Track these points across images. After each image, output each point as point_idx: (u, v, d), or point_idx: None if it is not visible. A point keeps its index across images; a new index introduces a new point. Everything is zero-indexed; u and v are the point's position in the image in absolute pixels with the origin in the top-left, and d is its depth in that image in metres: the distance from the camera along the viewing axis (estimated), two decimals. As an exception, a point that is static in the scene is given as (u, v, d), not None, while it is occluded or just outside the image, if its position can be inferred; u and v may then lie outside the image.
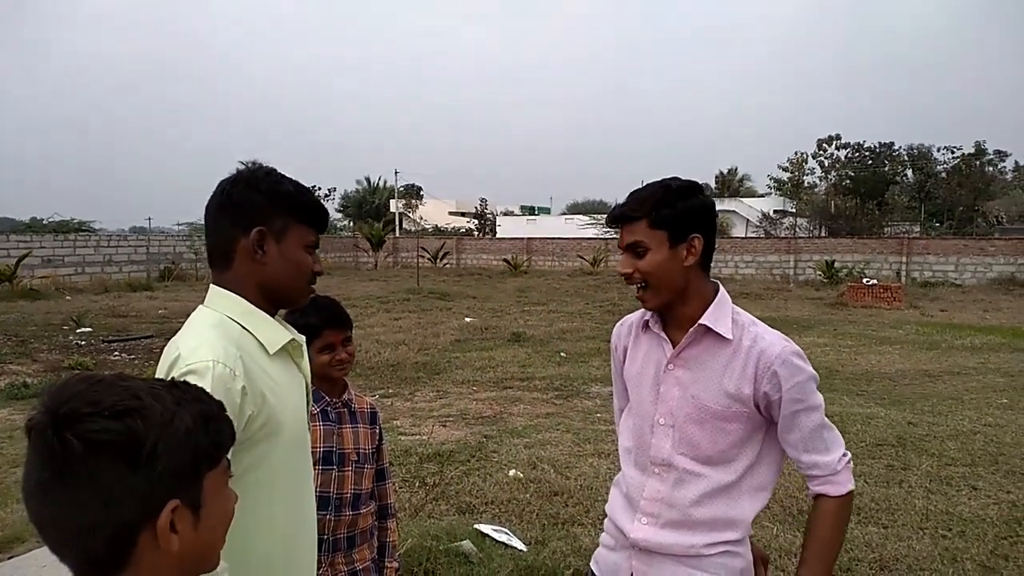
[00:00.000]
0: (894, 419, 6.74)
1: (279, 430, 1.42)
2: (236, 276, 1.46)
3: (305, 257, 1.51)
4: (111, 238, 26.05)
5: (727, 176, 56.01)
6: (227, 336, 1.38)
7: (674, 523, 1.69)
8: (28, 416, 0.86)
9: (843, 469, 1.66)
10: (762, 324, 1.71)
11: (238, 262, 1.46)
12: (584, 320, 14.99)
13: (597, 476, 5.06)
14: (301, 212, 1.50)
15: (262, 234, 1.44)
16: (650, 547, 1.71)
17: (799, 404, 1.62)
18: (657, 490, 1.71)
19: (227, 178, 1.50)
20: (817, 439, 1.65)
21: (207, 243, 1.51)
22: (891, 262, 27.24)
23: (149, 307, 16.81)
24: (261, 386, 1.39)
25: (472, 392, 8.25)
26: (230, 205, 1.46)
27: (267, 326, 1.47)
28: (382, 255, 35.46)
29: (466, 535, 4.02)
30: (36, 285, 20.01)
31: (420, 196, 55.77)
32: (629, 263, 1.68)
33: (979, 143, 41.18)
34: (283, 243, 1.47)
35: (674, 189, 1.66)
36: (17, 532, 4.21)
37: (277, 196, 1.47)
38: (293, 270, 1.49)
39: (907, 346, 11.74)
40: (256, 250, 1.45)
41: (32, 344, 11.55)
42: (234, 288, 1.46)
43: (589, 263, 30.28)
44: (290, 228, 1.48)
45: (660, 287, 1.66)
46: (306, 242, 1.51)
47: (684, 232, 1.64)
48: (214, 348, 1.33)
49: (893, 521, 4.36)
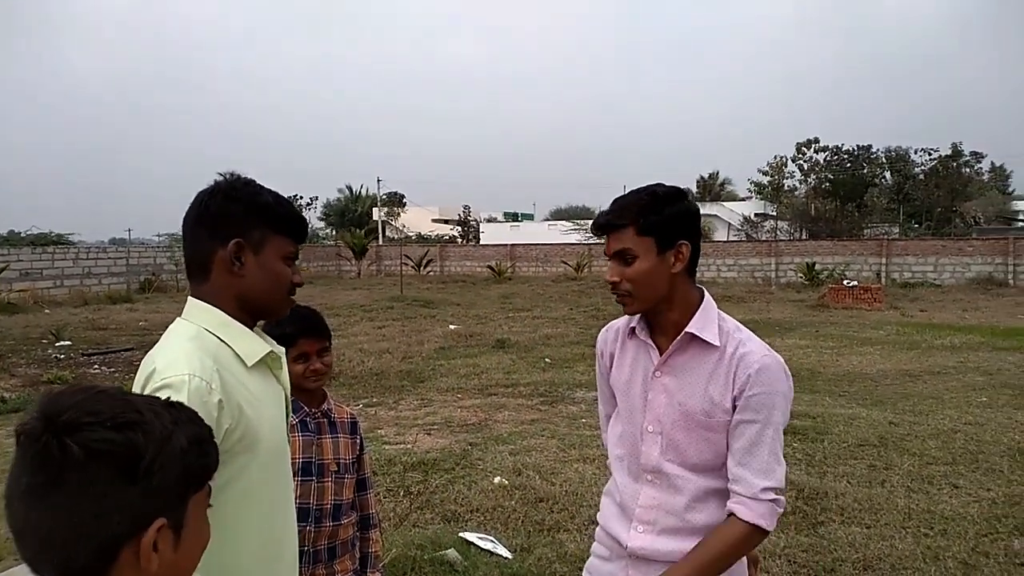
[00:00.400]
0: (876, 419, 6.79)
1: (257, 442, 1.40)
2: (214, 288, 1.44)
3: (284, 268, 1.49)
4: (90, 250, 25.77)
5: (708, 180, 56.39)
6: (204, 349, 1.36)
7: (671, 530, 1.67)
8: (21, 422, 0.84)
9: (764, 501, 1.56)
10: (746, 331, 1.70)
11: (216, 274, 1.44)
12: (568, 325, 15.01)
13: (583, 481, 5.05)
14: (279, 223, 1.48)
15: (240, 246, 1.43)
16: (647, 555, 1.68)
17: (753, 415, 1.59)
18: (652, 497, 1.70)
19: (205, 189, 1.48)
20: (754, 456, 1.58)
21: (185, 255, 1.49)
22: (871, 263, 27.53)
23: (129, 319, 16.65)
24: (238, 399, 1.37)
25: (457, 400, 8.23)
26: (208, 216, 1.44)
27: (244, 338, 1.45)
28: (365, 263, 35.35)
29: (451, 544, 4.00)
30: (14, 299, 19.75)
31: (403, 204, 55.68)
32: (616, 271, 1.65)
33: (955, 145, 41.86)
34: (261, 255, 1.45)
35: (660, 195, 1.64)
36: (-6, 550, 4.14)
37: (255, 207, 1.45)
38: (271, 282, 1.47)
39: (888, 346, 11.85)
40: (234, 262, 1.43)
41: (10, 358, 11.39)
42: (212, 300, 1.44)
43: (573, 268, 30.35)
44: (268, 240, 1.46)
45: (645, 294, 1.64)
46: (284, 253, 1.49)
47: (671, 239, 1.63)
48: (190, 361, 1.31)
49: (876, 521, 4.39)
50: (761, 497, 1.55)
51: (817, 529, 4.28)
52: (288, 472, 1.57)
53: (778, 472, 1.58)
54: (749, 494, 1.56)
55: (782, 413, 1.61)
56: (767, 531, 1.56)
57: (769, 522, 1.56)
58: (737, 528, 1.56)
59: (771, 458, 1.58)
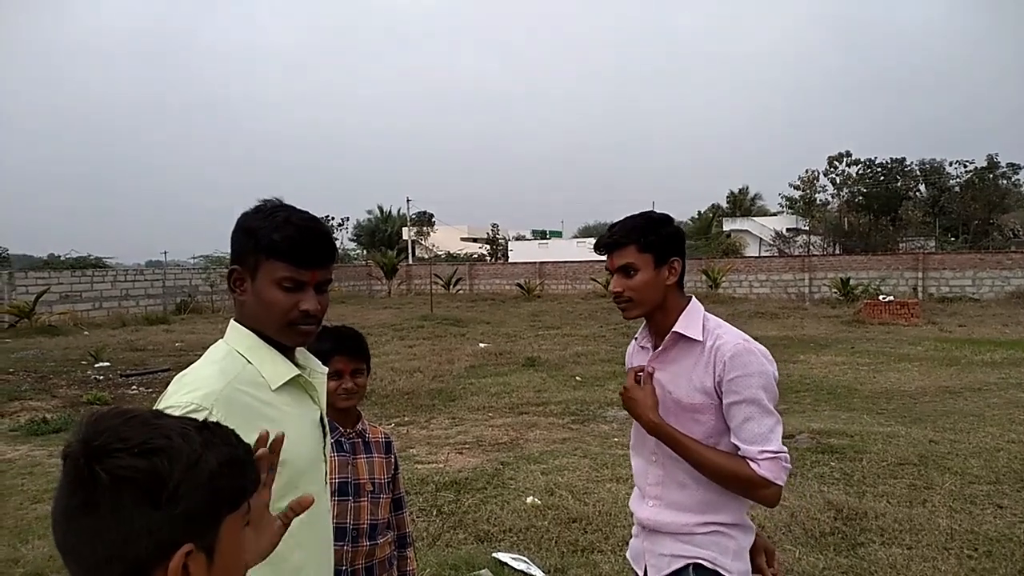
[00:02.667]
0: (915, 437, 6.65)
1: (282, 463, 1.35)
2: (237, 311, 1.49)
3: (276, 295, 1.42)
4: (127, 272, 26.36)
5: (738, 195, 56.02)
6: (223, 372, 1.37)
7: (673, 504, 1.91)
8: (66, 443, 0.88)
9: (765, 460, 1.78)
10: (727, 326, 1.93)
11: (235, 299, 1.49)
12: (599, 343, 14.95)
13: (616, 502, 5.01)
14: (269, 248, 1.41)
15: (235, 272, 1.46)
16: (652, 526, 1.94)
17: (735, 396, 1.81)
18: (657, 475, 1.96)
19: None
20: (746, 430, 1.80)
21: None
22: (907, 278, 27.06)
23: (166, 340, 16.94)
24: (257, 421, 1.34)
25: (488, 418, 8.23)
26: (231, 244, 1.48)
27: (270, 361, 1.45)
28: (395, 283, 35.61)
29: (485, 564, 3.99)
30: (55, 321, 20.22)
31: (432, 223, 56.07)
32: (620, 282, 1.93)
33: (991, 156, 41.13)
34: (256, 281, 1.44)
35: (656, 219, 1.95)
36: (38, 568, 4.22)
37: (245, 232, 1.44)
38: (263, 308, 1.43)
39: (926, 363, 11.62)
40: (233, 289, 1.46)
41: (51, 380, 11.65)
42: (244, 322, 1.47)
43: (602, 286, 30.21)
44: (260, 265, 1.43)
45: (643, 301, 1.92)
46: (276, 278, 1.42)
47: (666, 255, 1.91)
48: (198, 387, 1.33)
49: (917, 541, 4.29)
50: (760, 459, 1.78)
51: (857, 550, 4.20)
52: (323, 491, 1.56)
53: (772, 437, 1.80)
54: (751, 457, 1.79)
55: (763, 389, 1.81)
56: (774, 483, 1.78)
57: (776, 475, 1.78)
58: (747, 466, 1.79)
59: (761, 429, 1.79)
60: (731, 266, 29.60)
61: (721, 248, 36.54)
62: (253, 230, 1.43)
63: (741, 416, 1.80)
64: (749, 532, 1.92)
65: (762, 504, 1.88)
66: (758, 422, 1.80)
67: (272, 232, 1.41)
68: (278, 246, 1.41)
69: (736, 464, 1.80)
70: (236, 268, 1.45)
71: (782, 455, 1.79)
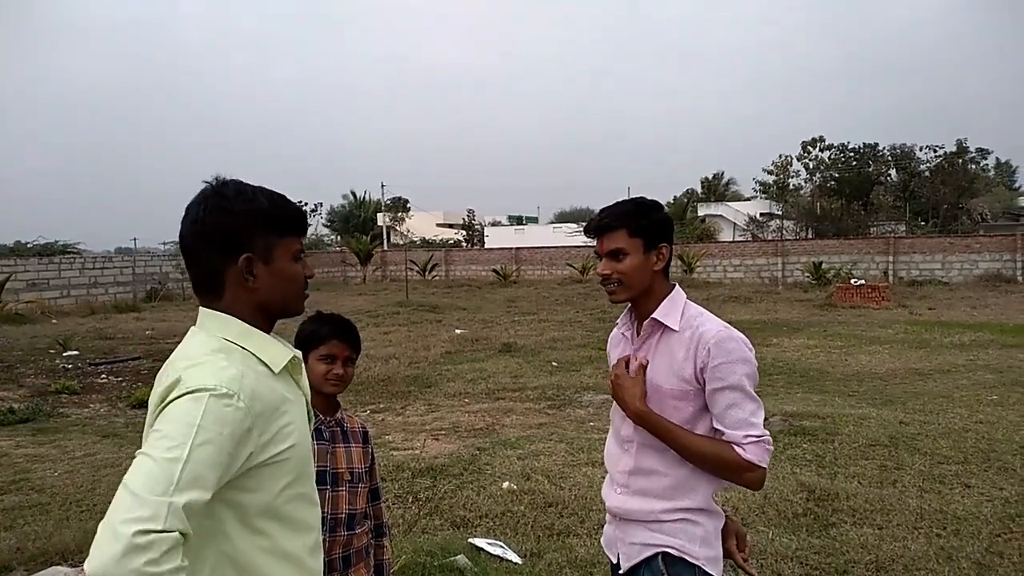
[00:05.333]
0: (886, 419, 6.75)
1: (293, 446, 1.38)
2: (229, 302, 1.41)
3: (295, 268, 1.46)
4: (96, 260, 25.86)
5: (712, 181, 56.27)
6: (229, 359, 1.33)
7: (641, 490, 1.93)
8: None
9: (748, 444, 1.80)
10: (708, 314, 1.94)
11: (230, 289, 1.40)
12: (575, 328, 15.00)
13: (591, 486, 5.03)
14: (282, 225, 1.44)
15: (250, 260, 1.39)
16: (621, 514, 1.97)
17: (719, 383, 1.82)
18: (627, 463, 1.97)
19: (193, 201, 1.42)
20: (729, 416, 1.82)
21: (191, 274, 1.45)
22: (878, 262, 27.44)
23: (136, 328, 16.70)
24: (276, 405, 1.35)
25: (464, 404, 8.21)
26: (208, 234, 1.39)
27: (268, 346, 1.42)
28: (370, 269, 35.40)
29: (460, 550, 3.98)
30: (21, 309, 19.81)
31: (407, 209, 55.66)
32: (609, 266, 1.93)
33: (960, 141, 41.69)
34: (272, 263, 1.42)
35: (647, 205, 1.97)
36: (5, 560, 4.14)
37: (254, 216, 1.40)
38: (286, 284, 1.45)
39: (897, 345, 11.80)
40: (246, 277, 1.39)
41: (18, 369, 11.44)
42: (229, 312, 1.41)
43: (578, 271, 30.32)
44: (275, 245, 1.42)
45: (631, 285, 1.93)
46: (293, 252, 1.45)
47: (656, 241, 1.93)
48: (215, 373, 1.28)
49: (888, 521, 4.36)
50: (745, 443, 1.80)
51: (829, 531, 4.25)
52: (313, 476, 1.53)
53: (755, 421, 1.82)
54: (736, 442, 1.81)
55: (746, 376, 1.83)
56: (759, 466, 1.80)
57: (760, 458, 1.80)
58: (732, 450, 1.81)
59: (745, 414, 1.82)
60: (705, 251, 29.81)
61: (696, 233, 36.64)
62: (263, 212, 1.41)
63: (724, 402, 1.82)
64: (717, 518, 1.93)
65: (747, 487, 1.91)
66: (741, 407, 1.82)
67: (280, 210, 1.43)
68: (294, 223, 1.46)
69: (721, 448, 1.82)
70: (249, 256, 1.39)
71: (765, 438, 1.82)
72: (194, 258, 1.42)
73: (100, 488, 5.47)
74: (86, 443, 6.99)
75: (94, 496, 5.29)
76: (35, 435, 7.37)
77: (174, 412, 1.22)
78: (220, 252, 1.39)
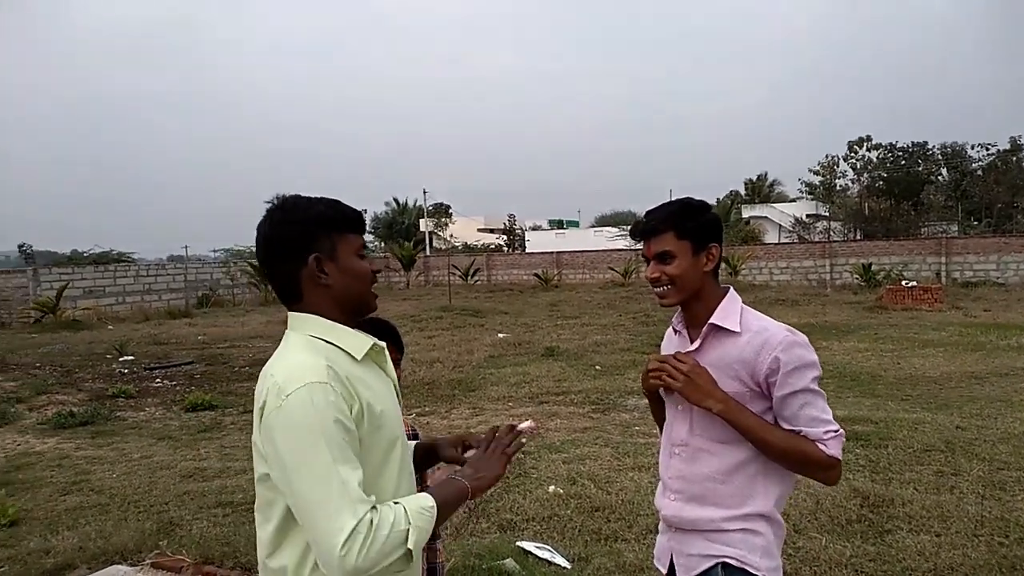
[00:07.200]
0: (941, 423, 6.57)
1: (380, 428, 1.52)
2: (309, 303, 1.56)
3: (360, 263, 1.60)
4: (150, 267, 26.60)
5: (756, 182, 55.45)
6: (316, 354, 1.48)
7: (696, 497, 1.88)
8: None
9: (829, 440, 1.79)
10: (767, 318, 1.90)
11: (307, 291, 1.55)
12: (618, 332, 14.90)
13: (638, 490, 5.00)
14: (342, 224, 1.58)
15: (318, 259, 1.53)
16: (679, 524, 1.92)
17: (790, 387, 1.79)
18: (678, 469, 1.93)
19: (261, 220, 1.58)
20: (803, 416, 1.80)
21: (272, 285, 1.62)
22: (930, 263, 26.70)
23: (188, 334, 17.09)
24: (359, 389, 1.48)
25: (508, 408, 8.23)
26: (276, 245, 1.55)
27: (349, 337, 1.56)
28: (413, 274, 35.68)
29: (508, 553, 4.00)
30: (79, 316, 20.48)
31: (449, 214, 56.02)
32: (657, 269, 1.90)
33: (1014, 139, 40.38)
34: (338, 260, 1.56)
35: (695, 206, 1.92)
36: (69, 559, 4.28)
37: (314, 220, 1.54)
38: (355, 279, 1.58)
39: (951, 348, 11.47)
40: (319, 275, 1.54)
41: (77, 374, 11.81)
42: (312, 311, 1.56)
43: (620, 275, 30.11)
44: (338, 243, 1.56)
45: (682, 288, 1.89)
46: (356, 248, 1.59)
47: (704, 242, 1.89)
48: (306, 370, 1.43)
49: (946, 529, 4.24)
50: (827, 439, 1.78)
51: (884, 538, 4.15)
52: (409, 458, 1.67)
53: (828, 417, 1.81)
54: (817, 439, 1.79)
55: (813, 378, 1.81)
56: (839, 459, 1.79)
57: (839, 452, 1.79)
58: (815, 447, 1.78)
59: (817, 412, 1.80)
60: (751, 253, 29.34)
61: (740, 235, 36.10)
62: (322, 215, 1.56)
63: (797, 404, 1.80)
64: (778, 527, 1.88)
65: (825, 483, 1.89)
66: (814, 405, 1.80)
67: (337, 212, 1.58)
68: (351, 221, 1.59)
69: (804, 444, 1.78)
70: (318, 255, 1.53)
71: (841, 432, 1.81)
72: (271, 269, 1.59)
73: (156, 489, 5.62)
74: (142, 445, 7.19)
75: (150, 497, 5.44)
76: (94, 437, 7.61)
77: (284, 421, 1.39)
78: (290, 258, 1.54)
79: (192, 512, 5.06)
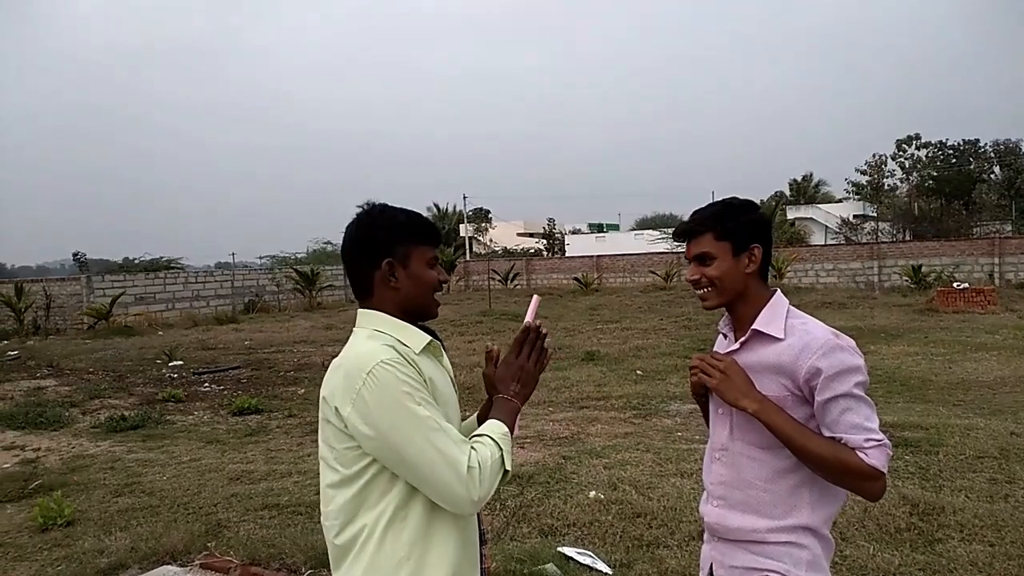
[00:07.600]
0: (995, 429, 6.38)
1: (443, 404, 1.65)
2: (377, 302, 1.71)
3: (429, 273, 1.74)
4: (198, 274, 27.25)
5: (801, 183, 54.50)
6: (381, 341, 1.63)
7: (738, 504, 1.84)
8: None
9: (870, 449, 1.69)
10: (813, 321, 1.83)
11: (377, 291, 1.71)
12: (659, 336, 14.79)
13: (681, 497, 4.95)
14: (417, 236, 1.72)
15: (391, 264, 1.68)
16: (722, 532, 1.88)
17: (831, 392, 1.72)
18: (720, 474, 1.90)
19: (349, 223, 1.74)
20: (843, 422, 1.72)
21: (350, 281, 1.76)
22: (982, 264, 25.93)
23: (235, 339, 17.45)
24: (422, 367, 1.63)
25: (548, 413, 8.23)
26: (357, 246, 1.72)
27: (409, 332, 1.70)
28: (454, 279, 35.89)
29: (550, 558, 4.00)
30: (130, 322, 21.06)
31: (489, 219, 56.30)
32: (697, 270, 1.89)
33: (1072, 134, 39.03)
34: (409, 267, 1.70)
35: (736, 206, 1.89)
36: (122, 559, 4.41)
37: (393, 228, 1.70)
38: (421, 286, 1.72)
39: (1005, 352, 11.13)
40: (389, 278, 1.69)
41: (128, 378, 12.16)
42: (378, 309, 1.71)
43: (661, 278, 29.86)
44: (411, 252, 1.71)
45: (723, 290, 1.86)
46: (427, 259, 1.73)
47: (745, 243, 1.85)
48: (375, 353, 1.57)
49: (1000, 539, 4.11)
50: (867, 447, 1.69)
51: (934, 547, 4.05)
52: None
53: (871, 425, 1.72)
54: (858, 447, 1.70)
55: (857, 383, 1.73)
56: (882, 473, 1.70)
57: (883, 464, 1.70)
58: (854, 455, 1.69)
59: (860, 419, 1.72)
60: (796, 255, 28.82)
61: (785, 237, 35.51)
62: (401, 225, 1.71)
63: (838, 409, 1.72)
64: (826, 541, 1.81)
65: (867, 498, 1.79)
66: (856, 412, 1.72)
67: (416, 224, 1.73)
68: (427, 234, 1.74)
69: (843, 452, 1.69)
70: (391, 260, 1.68)
71: (886, 442, 1.71)
72: (350, 267, 1.74)
73: (204, 492, 5.75)
74: (191, 448, 7.37)
75: (199, 499, 5.57)
76: (145, 441, 7.82)
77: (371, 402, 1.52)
78: (367, 259, 1.70)
79: (239, 514, 5.17)
